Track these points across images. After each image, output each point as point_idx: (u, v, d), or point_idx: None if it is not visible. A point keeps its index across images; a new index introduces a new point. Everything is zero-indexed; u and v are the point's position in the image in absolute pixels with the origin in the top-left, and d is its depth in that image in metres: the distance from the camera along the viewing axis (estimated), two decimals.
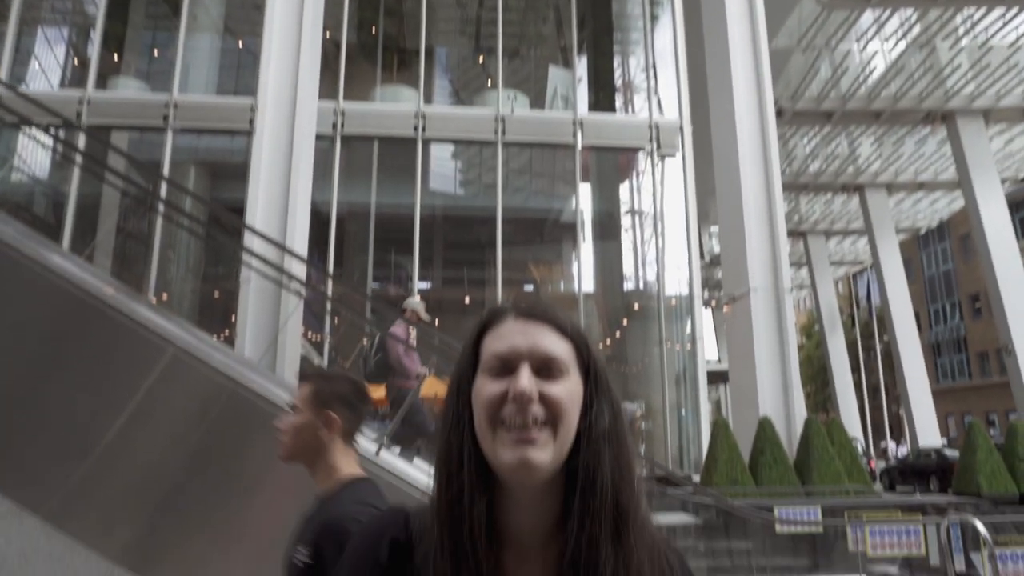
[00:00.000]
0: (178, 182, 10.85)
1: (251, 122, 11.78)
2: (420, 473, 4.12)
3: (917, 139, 23.17)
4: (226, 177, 14.44)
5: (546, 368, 0.79)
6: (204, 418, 3.56)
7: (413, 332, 6.02)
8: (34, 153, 13.26)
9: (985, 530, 4.28)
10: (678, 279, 13.70)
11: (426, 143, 13.88)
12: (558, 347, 0.81)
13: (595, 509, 0.77)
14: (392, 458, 4.29)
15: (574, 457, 0.79)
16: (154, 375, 3.50)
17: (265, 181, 11.27)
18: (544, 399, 0.77)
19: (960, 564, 5.45)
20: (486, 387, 0.79)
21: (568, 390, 0.79)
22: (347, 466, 1.71)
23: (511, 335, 0.81)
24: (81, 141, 9.32)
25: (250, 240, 8.18)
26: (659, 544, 0.84)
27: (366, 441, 4.12)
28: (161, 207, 7.77)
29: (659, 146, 13.65)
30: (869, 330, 38.22)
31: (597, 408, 0.81)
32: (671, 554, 0.85)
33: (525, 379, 0.77)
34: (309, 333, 12.13)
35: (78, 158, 7.75)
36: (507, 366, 0.79)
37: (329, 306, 10.13)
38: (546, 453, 0.76)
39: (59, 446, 3.41)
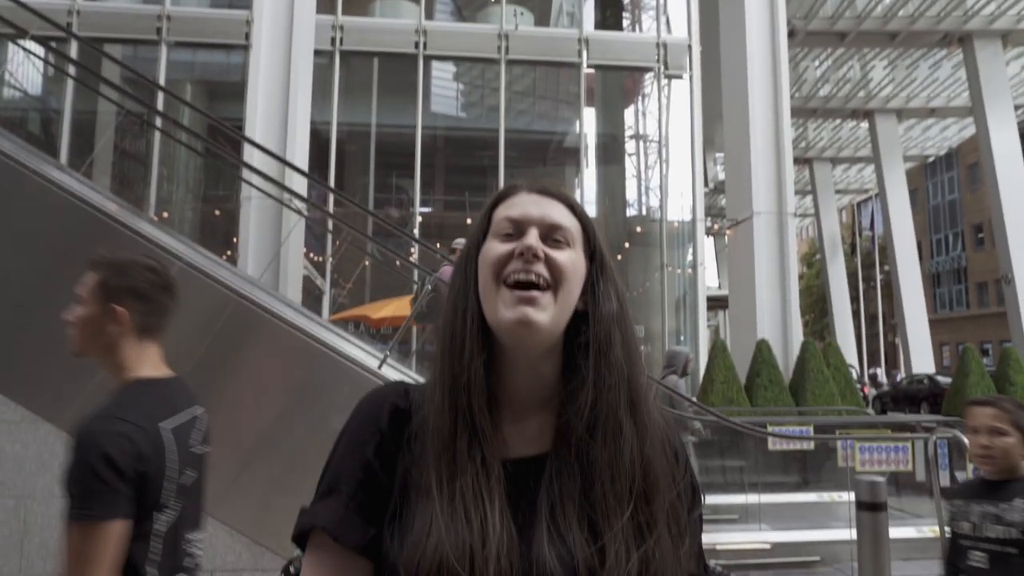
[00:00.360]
0: (174, 102, 10.61)
1: (247, 36, 11.43)
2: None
3: (931, 63, 22.50)
4: (223, 96, 14.12)
5: (554, 236, 0.82)
6: (211, 331, 3.60)
7: None
8: (24, 66, 12.91)
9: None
10: (681, 205, 13.61)
11: (427, 60, 13.50)
12: (567, 220, 0.84)
13: (611, 382, 0.80)
14: (394, 373, 4.37)
15: (576, 334, 0.82)
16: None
17: (263, 99, 11.02)
18: (549, 262, 0.80)
19: (944, 480, 5.64)
20: (494, 247, 0.82)
21: (572, 260, 0.82)
22: (139, 366, 1.58)
23: (524, 204, 0.84)
24: (74, 51, 9.07)
25: (250, 157, 8.07)
26: (667, 428, 0.86)
27: (368, 356, 4.19)
28: (159, 121, 7.63)
29: (666, 66, 13.27)
30: (870, 260, 38.25)
31: (603, 290, 0.84)
32: (676, 439, 0.88)
33: (533, 237, 0.80)
34: (311, 255, 12.14)
35: (72, 70, 7.55)
36: (517, 230, 0.82)
37: (331, 224, 10.09)
38: (546, 314, 0.78)
39: (73, 358, 3.47)
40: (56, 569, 1.38)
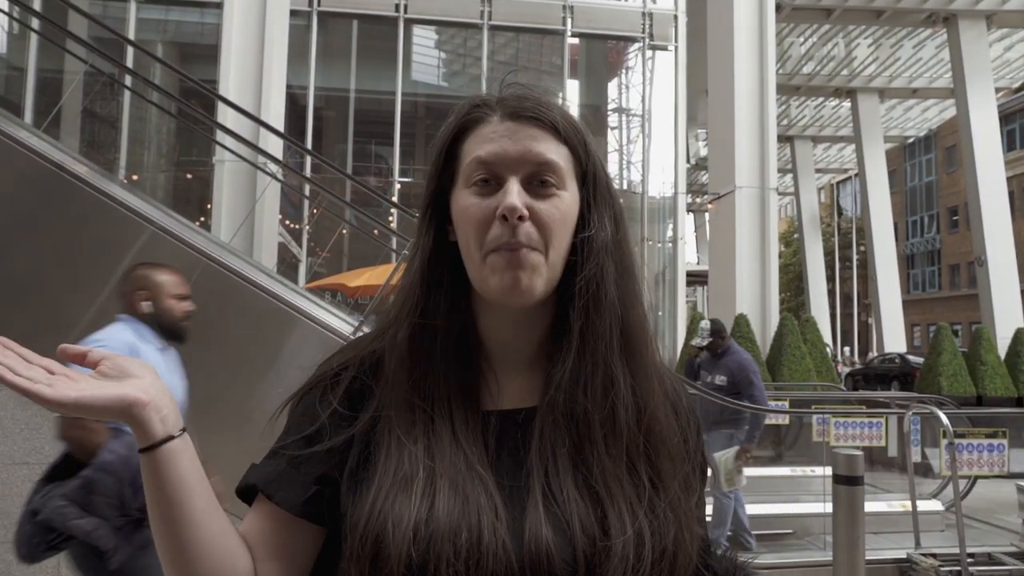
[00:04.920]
0: (144, 61, 10.25)
1: None
2: None
3: (915, 43, 22.55)
4: (195, 59, 13.73)
5: (538, 178, 0.69)
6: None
7: None
8: None
9: (947, 420, 4.44)
10: (662, 180, 13.57)
11: (408, 24, 13.19)
12: (553, 153, 0.70)
13: (600, 328, 0.70)
14: None
15: (571, 273, 0.71)
16: (133, 252, 3.40)
17: (236, 61, 10.70)
18: (535, 218, 0.68)
19: (917, 455, 5.72)
20: (470, 205, 0.69)
21: (562, 209, 0.70)
22: None
23: (498, 139, 0.70)
24: (38, 3, 8.69)
25: (224, 118, 7.83)
26: (668, 374, 0.78)
27: (342, 323, 4.10)
28: (129, 80, 7.34)
29: (652, 36, 13.14)
30: (847, 239, 38.66)
31: (597, 218, 0.72)
32: (681, 391, 0.80)
33: (514, 196, 0.67)
34: (287, 222, 11.92)
35: (36, 24, 7.22)
36: (493, 176, 0.69)
37: (307, 190, 9.87)
38: (538, 278, 0.68)
39: (34, 320, 3.34)
40: None
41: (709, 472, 0.82)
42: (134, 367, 0.66)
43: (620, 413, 0.70)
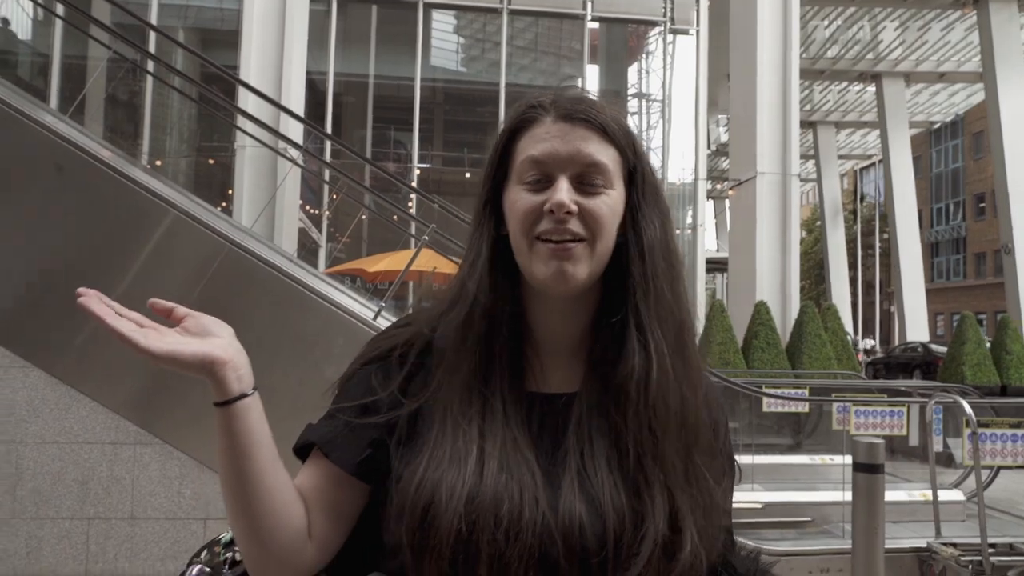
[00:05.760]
0: (165, 47, 10.32)
1: None
2: None
3: (944, 25, 22.05)
4: (216, 45, 13.80)
5: (588, 178, 0.74)
6: (202, 277, 3.53)
7: None
8: (12, 9, 12.54)
9: (971, 409, 4.39)
10: (682, 166, 13.46)
11: (428, 9, 13.15)
12: (602, 154, 0.74)
13: (654, 319, 0.75)
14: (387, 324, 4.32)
15: (616, 268, 0.76)
16: (156, 236, 3.46)
17: (257, 47, 10.74)
18: (583, 214, 0.72)
19: (939, 445, 5.66)
20: (521, 198, 0.74)
21: (609, 205, 0.74)
22: None
23: (549, 139, 0.74)
24: None
25: (244, 103, 7.88)
26: (706, 374, 0.82)
27: (363, 308, 4.14)
28: (151, 66, 7.40)
29: (673, 20, 12.97)
30: (870, 227, 38.11)
31: (646, 216, 0.76)
32: (712, 387, 0.83)
33: (563, 192, 0.72)
34: (307, 207, 12.00)
35: (61, 11, 7.30)
36: (544, 175, 0.74)
37: (327, 175, 9.93)
38: (583, 267, 0.73)
39: (61, 303, 3.41)
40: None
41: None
42: (215, 326, 0.71)
43: (668, 410, 0.74)
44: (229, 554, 0.82)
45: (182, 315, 0.71)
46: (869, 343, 30.14)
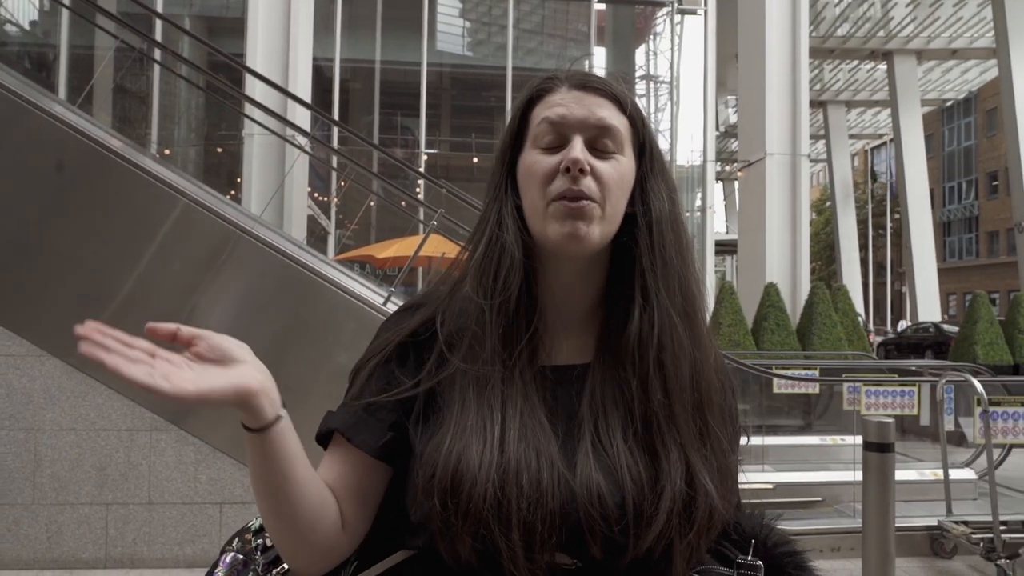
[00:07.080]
0: (172, 36, 10.30)
1: None
2: None
3: (955, 1, 21.69)
4: (222, 32, 13.77)
5: (600, 141, 0.76)
6: (214, 265, 3.55)
7: None
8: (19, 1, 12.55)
9: (982, 387, 4.37)
10: (691, 148, 13.36)
11: None
12: (615, 119, 0.77)
13: (663, 288, 0.76)
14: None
15: (625, 238, 0.78)
16: (167, 225, 3.48)
17: (263, 34, 10.70)
18: (596, 175, 0.74)
19: (950, 424, 5.64)
20: (536, 160, 0.76)
21: (620, 170, 0.76)
22: None
23: (565, 103, 0.76)
24: None
25: (252, 91, 7.87)
26: (715, 346, 0.83)
27: (372, 293, 4.16)
28: (158, 55, 7.40)
29: (680, 1, 12.83)
30: (881, 207, 37.75)
31: (654, 188, 0.78)
32: (720, 356, 0.84)
33: (578, 150, 0.73)
34: (316, 195, 12.01)
35: (68, 1, 7.30)
36: (560, 136, 0.76)
37: (335, 162, 9.93)
38: (596, 228, 0.74)
39: (75, 292, 3.44)
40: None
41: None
42: (234, 349, 0.67)
43: (679, 370, 0.75)
44: (260, 540, 0.82)
45: (188, 337, 0.64)
46: (902, 324, 29.70)
